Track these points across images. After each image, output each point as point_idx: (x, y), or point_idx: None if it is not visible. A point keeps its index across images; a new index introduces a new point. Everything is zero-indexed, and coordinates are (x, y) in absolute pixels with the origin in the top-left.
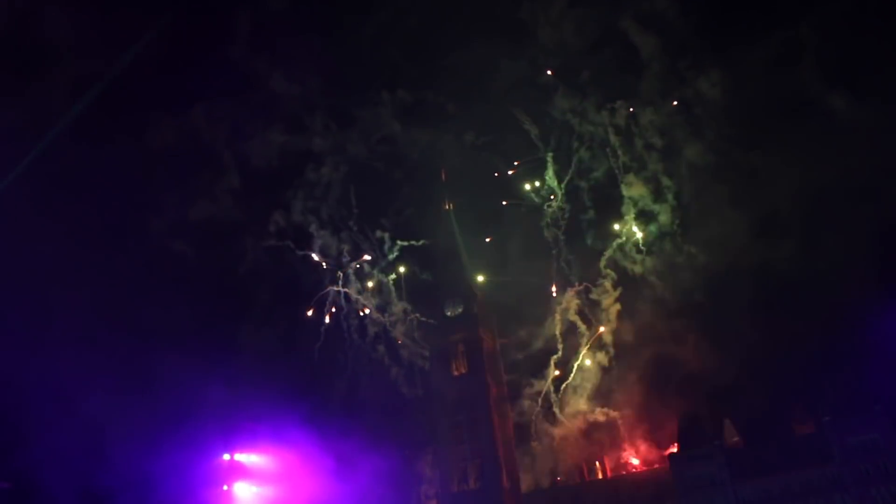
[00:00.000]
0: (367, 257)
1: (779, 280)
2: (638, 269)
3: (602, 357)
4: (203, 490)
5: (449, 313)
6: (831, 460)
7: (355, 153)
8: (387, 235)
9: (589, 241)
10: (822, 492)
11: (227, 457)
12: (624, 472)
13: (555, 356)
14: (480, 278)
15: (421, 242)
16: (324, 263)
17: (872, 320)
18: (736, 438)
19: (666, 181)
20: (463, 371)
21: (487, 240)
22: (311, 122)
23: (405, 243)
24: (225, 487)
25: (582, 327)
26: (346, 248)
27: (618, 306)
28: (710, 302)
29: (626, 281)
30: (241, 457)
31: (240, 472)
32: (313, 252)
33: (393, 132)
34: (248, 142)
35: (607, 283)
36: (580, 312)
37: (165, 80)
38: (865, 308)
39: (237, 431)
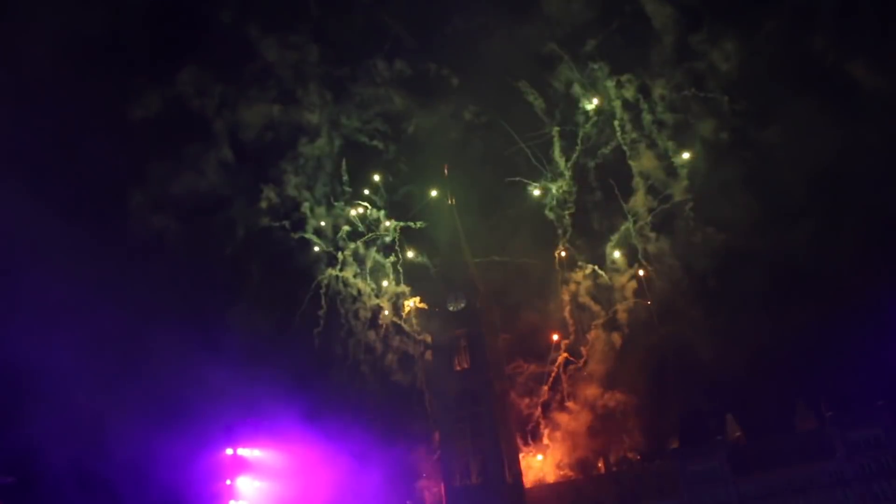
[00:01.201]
0: (366, 238)
1: (786, 271)
2: (651, 248)
3: (616, 337)
4: (205, 484)
5: (451, 308)
6: (833, 456)
7: (351, 127)
8: (382, 214)
9: (596, 222)
10: (825, 487)
11: (229, 451)
12: (626, 467)
13: (564, 341)
14: (483, 270)
15: (419, 225)
16: (320, 245)
17: (877, 315)
18: (738, 433)
19: (677, 159)
20: (465, 366)
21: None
22: (304, 93)
23: (402, 224)
24: (228, 482)
25: (596, 307)
26: (345, 229)
27: (633, 284)
28: (715, 291)
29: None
30: (243, 451)
31: (242, 466)
32: (308, 233)
33: (391, 106)
34: (238, 112)
35: (619, 262)
36: (589, 295)
37: (151, 44)
38: (870, 302)
39: (240, 426)
